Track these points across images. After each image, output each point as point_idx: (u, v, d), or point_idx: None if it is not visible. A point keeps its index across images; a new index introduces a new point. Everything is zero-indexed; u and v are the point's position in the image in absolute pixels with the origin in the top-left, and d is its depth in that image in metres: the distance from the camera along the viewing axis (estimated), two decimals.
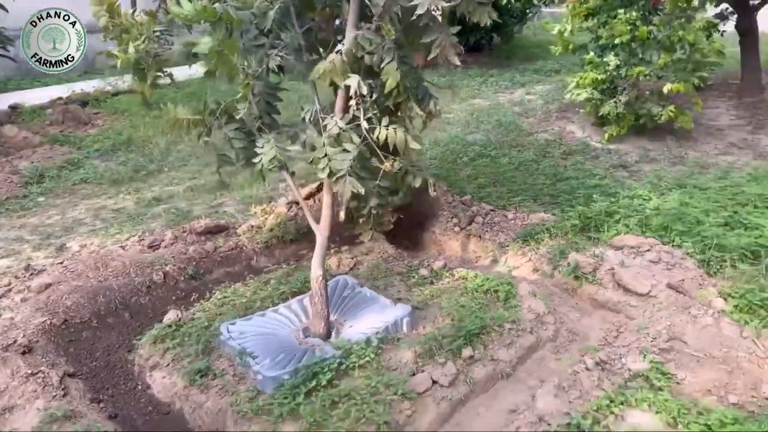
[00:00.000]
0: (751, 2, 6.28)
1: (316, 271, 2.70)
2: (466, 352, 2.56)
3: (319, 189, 4.15)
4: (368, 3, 2.30)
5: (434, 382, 2.43)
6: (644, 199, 3.92)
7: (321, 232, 2.70)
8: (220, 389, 2.48)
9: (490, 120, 5.98)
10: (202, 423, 2.45)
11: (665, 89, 4.91)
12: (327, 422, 2.23)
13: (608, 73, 5.06)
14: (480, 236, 3.70)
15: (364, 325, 2.77)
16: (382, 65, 2.35)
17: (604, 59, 5.10)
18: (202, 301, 3.14)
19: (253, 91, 2.58)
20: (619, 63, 5.00)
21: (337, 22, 2.66)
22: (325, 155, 2.44)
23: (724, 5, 6.34)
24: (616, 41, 4.95)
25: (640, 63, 4.89)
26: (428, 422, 2.33)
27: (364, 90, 2.33)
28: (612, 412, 2.25)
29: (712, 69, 5.56)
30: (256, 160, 2.62)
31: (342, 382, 2.41)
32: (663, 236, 3.39)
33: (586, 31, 5.59)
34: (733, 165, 4.73)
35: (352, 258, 3.51)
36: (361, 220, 2.74)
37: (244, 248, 3.70)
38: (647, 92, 5.07)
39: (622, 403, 2.29)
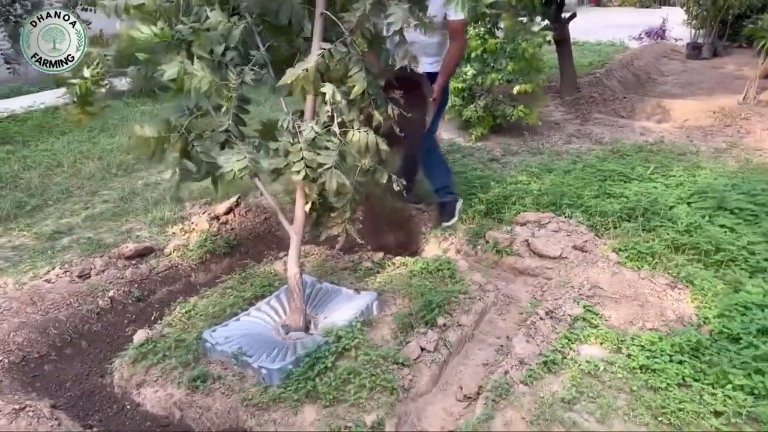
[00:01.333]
0: (563, 15, 7.38)
1: (292, 269, 2.88)
2: (440, 320, 2.92)
3: (238, 203, 4.29)
4: (336, 20, 2.58)
5: (422, 349, 2.75)
6: (525, 183, 4.58)
7: (295, 231, 2.89)
8: (226, 390, 2.59)
9: None
10: (211, 425, 2.54)
11: (515, 90, 5.70)
12: (346, 396, 2.46)
13: (467, 82, 5.73)
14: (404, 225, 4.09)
15: (338, 315, 3.01)
16: (350, 74, 2.63)
17: (463, 69, 5.76)
18: (163, 318, 3.16)
19: None
20: (475, 72, 5.70)
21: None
22: (302, 159, 2.66)
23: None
24: (472, 54, 5.63)
25: (493, 71, 5.61)
26: (425, 383, 2.64)
27: (338, 97, 2.61)
28: (571, 348, 2.74)
29: (544, 74, 6.47)
30: (226, 171, 2.75)
31: (343, 363, 2.64)
32: (555, 210, 4.02)
33: None
34: (580, 150, 5.61)
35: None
36: (333, 215, 2.95)
37: (180, 267, 3.72)
38: (500, 96, 5.81)
39: (575, 341, 2.79)
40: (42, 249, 4.00)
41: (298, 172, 2.67)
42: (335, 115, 2.68)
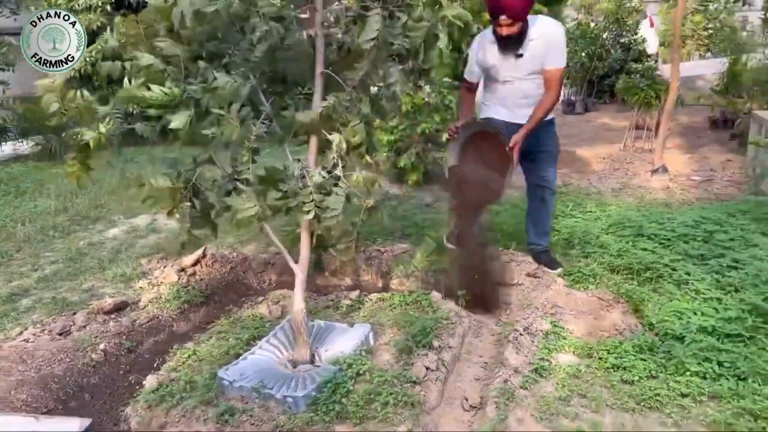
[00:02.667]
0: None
1: (298, 305, 3.09)
2: (435, 343, 3.23)
3: (204, 255, 4.41)
4: (338, 78, 2.92)
5: (427, 368, 3.05)
6: None
7: (301, 270, 3.12)
8: (255, 421, 2.73)
9: None
10: None
11: (444, 138, 6.26)
12: (373, 413, 2.69)
13: (398, 134, 6.21)
14: (367, 268, 4.38)
15: (338, 347, 3.23)
16: (350, 124, 2.96)
17: (391, 123, 6.24)
18: (163, 366, 3.23)
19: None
20: (405, 126, 6.20)
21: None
22: (312, 200, 2.92)
23: None
24: (402, 108, 6.14)
25: (421, 122, 6.14)
26: (434, 398, 2.92)
27: (344, 145, 2.92)
28: (551, 357, 3.14)
29: None
30: (239, 216, 2.95)
31: (361, 386, 2.87)
32: (500, 244, 4.50)
33: None
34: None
35: (277, 303, 3.87)
36: (336, 251, 3.20)
37: (161, 317, 3.78)
38: (429, 144, 6.34)
39: (553, 350, 3.20)
40: (4, 312, 3.89)
41: (308, 212, 2.93)
42: (339, 161, 2.99)
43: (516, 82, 3.73)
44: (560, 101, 12.98)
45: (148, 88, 2.82)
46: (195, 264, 4.31)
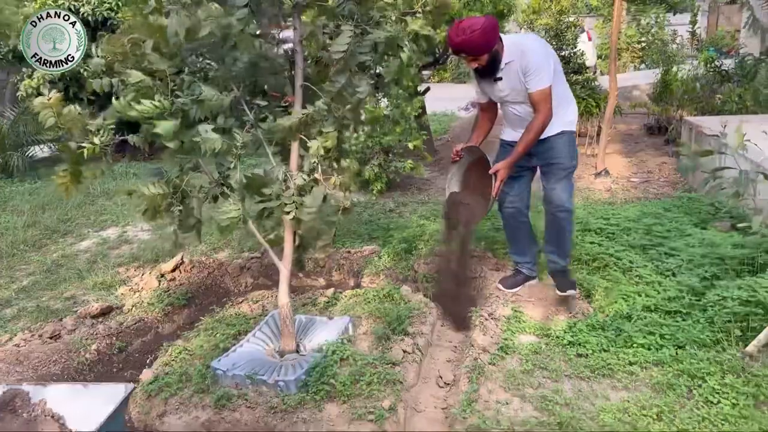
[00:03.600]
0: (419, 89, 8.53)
1: (283, 299, 3.34)
2: (410, 329, 3.53)
3: (182, 261, 4.61)
4: (316, 90, 3.20)
5: (404, 351, 3.34)
6: (427, 225, 5.37)
7: (285, 266, 3.37)
8: (251, 404, 2.96)
9: None
10: None
11: (410, 145, 6.59)
12: (359, 391, 2.97)
13: (360, 145, 6.52)
14: (339, 268, 4.65)
15: (321, 337, 3.49)
16: (324, 130, 3.24)
17: (353, 134, 6.54)
18: (155, 362, 3.42)
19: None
20: (364, 138, 6.52)
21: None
22: (293, 202, 3.19)
23: None
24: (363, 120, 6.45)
25: (385, 133, 6.47)
26: (412, 377, 3.21)
27: (322, 151, 3.21)
28: (514, 337, 3.48)
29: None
30: (222, 219, 3.18)
31: (346, 369, 3.14)
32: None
33: None
34: None
35: (257, 303, 4.10)
36: (314, 248, 3.46)
37: (146, 320, 3.97)
38: (391, 153, 6.67)
39: (515, 332, 3.54)
40: None
41: (289, 213, 3.20)
42: (317, 165, 3.27)
43: (509, 105, 3.67)
44: None
45: (139, 102, 3.03)
46: (174, 270, 4.50)
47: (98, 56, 3.28)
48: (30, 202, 6.69)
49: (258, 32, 3.23)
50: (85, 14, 8.60)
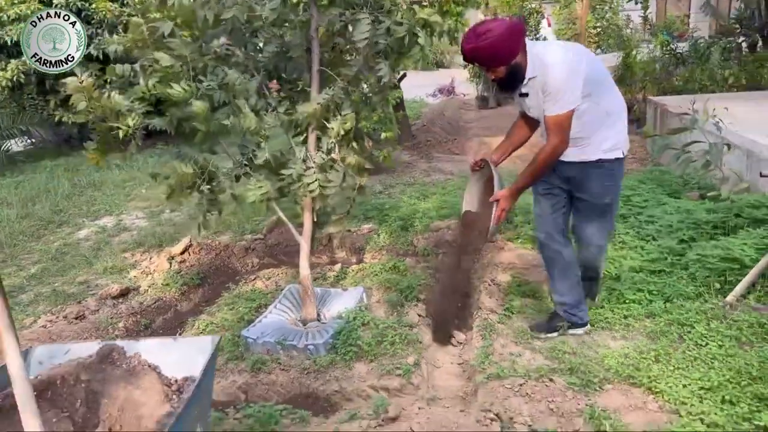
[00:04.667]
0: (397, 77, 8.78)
1: (304, 271, 3.58)
2: (420, 296, 3.81)
3: (191, 244, 4.79)
4: (332, 74, 3.42)
5: (419, 315, 3.62)
6: (418, 204, 5.66)
7: (306, 241, 3.59)
8: (285, 366, 3.20)
9: None
10: (279, 396, 3.13)
11: (383, 136, 6.85)
12: (384, 350, 3.23)
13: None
14: (341, 246, 4.90)
15: (338, 306, 3.73)
16: (343, 112, 3.47)
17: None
18: (185, 334, 3.62)
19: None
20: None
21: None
22: (315, 180, 3.41)
23: None
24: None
25: (365, 119, 6.70)
26: (428, 339, 3.50)
27: (342, 131, 3.44)
28: (517, 299, 3.78)
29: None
30: (249, 196, 3.39)
31: (368, 332, 3.40)
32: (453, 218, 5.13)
33: None
34: (440, 180, 6.88)
35: (269, 279, 4.32)
36: (332, 222, 3.69)
37: (165, 299, 4.15)
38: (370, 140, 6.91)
39: (517, 294, 3.85)
40: None
41: (312, 191, 3.42)
42: (335, 146, 3.50)
43: (540, 120, 3.01)
44: (474, 97, 13.91)
45: (170, 86, 3.20)
46: (183, 252, 4.67)
47: (115, 43, 3.44)
48: (17, 194, 6.72)
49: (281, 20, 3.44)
50: (59, 5, 8.57)
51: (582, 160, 2.99)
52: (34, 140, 9.55)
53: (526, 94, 2.93)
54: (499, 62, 2.81)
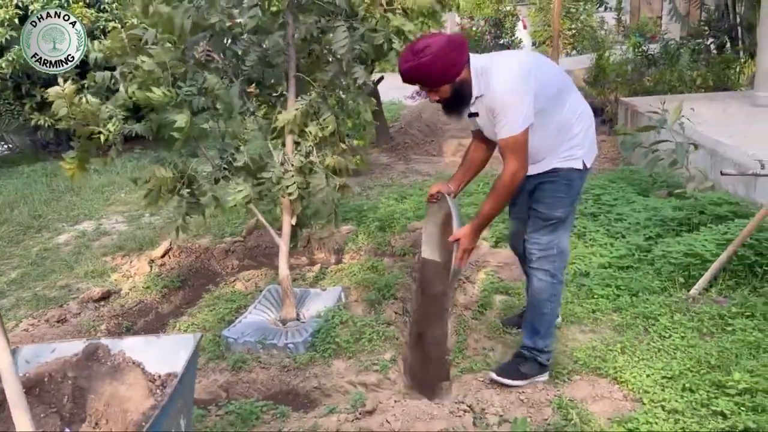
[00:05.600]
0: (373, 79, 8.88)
1: (283, 272, 3.66)
2: (398, 295, 3.92)
3: (171, 247, 4.84)
4: (308, 80, 3.52)
5: (396, 313, 3.72)
6: (397, 205, 5.76)
7: (284, 242, 3.68)
8: (265, 365, 3.29)
9: None
10: (259, 393, 3.21)
11: (355, 143, 6.95)
12: (362, 347, 3.33)
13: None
14: (320, 247, 4.99)
15: (317, 306, 3.82)
16: (321, 116, 3.56)
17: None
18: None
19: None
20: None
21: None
22: (294, 183, 3.50)
23: None
24: None
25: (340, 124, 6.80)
26: (405, 335, 3.61)
27: (320, 134, 3.53)
28: (490, 296, 3.90)
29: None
30: (229, 199, 3.47)
31: (347, 330, 3.50)
32: None
33: None
34: (417, 181, 6.99)
35: (249, 281, 4.39)
36: (321, 228, 3.78)
37: (146, 301, 4.21)
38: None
39: (491, 292, 3.97)
40: None
41: (291, 194, 3.51)
42: (313, 149, 3.59)
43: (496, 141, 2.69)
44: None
45: (150, 90, 3.26)
46: (164, 255, 4.73)
47: (95, 51, 3.51)
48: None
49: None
50: (34, 12, 8.53)
51: (536, 172, 2.73)
52: (10, 146, 9.50)
53: (477, 114, 2.67)
54: (443, 80, 2.53)
